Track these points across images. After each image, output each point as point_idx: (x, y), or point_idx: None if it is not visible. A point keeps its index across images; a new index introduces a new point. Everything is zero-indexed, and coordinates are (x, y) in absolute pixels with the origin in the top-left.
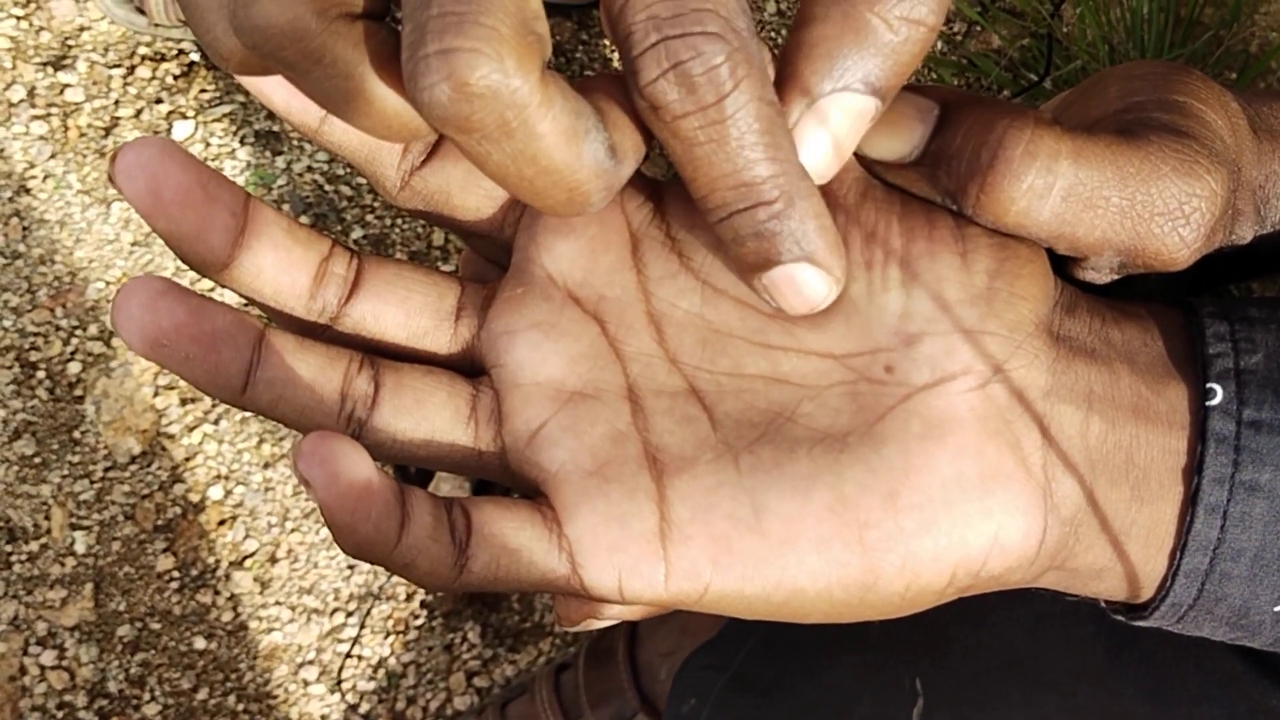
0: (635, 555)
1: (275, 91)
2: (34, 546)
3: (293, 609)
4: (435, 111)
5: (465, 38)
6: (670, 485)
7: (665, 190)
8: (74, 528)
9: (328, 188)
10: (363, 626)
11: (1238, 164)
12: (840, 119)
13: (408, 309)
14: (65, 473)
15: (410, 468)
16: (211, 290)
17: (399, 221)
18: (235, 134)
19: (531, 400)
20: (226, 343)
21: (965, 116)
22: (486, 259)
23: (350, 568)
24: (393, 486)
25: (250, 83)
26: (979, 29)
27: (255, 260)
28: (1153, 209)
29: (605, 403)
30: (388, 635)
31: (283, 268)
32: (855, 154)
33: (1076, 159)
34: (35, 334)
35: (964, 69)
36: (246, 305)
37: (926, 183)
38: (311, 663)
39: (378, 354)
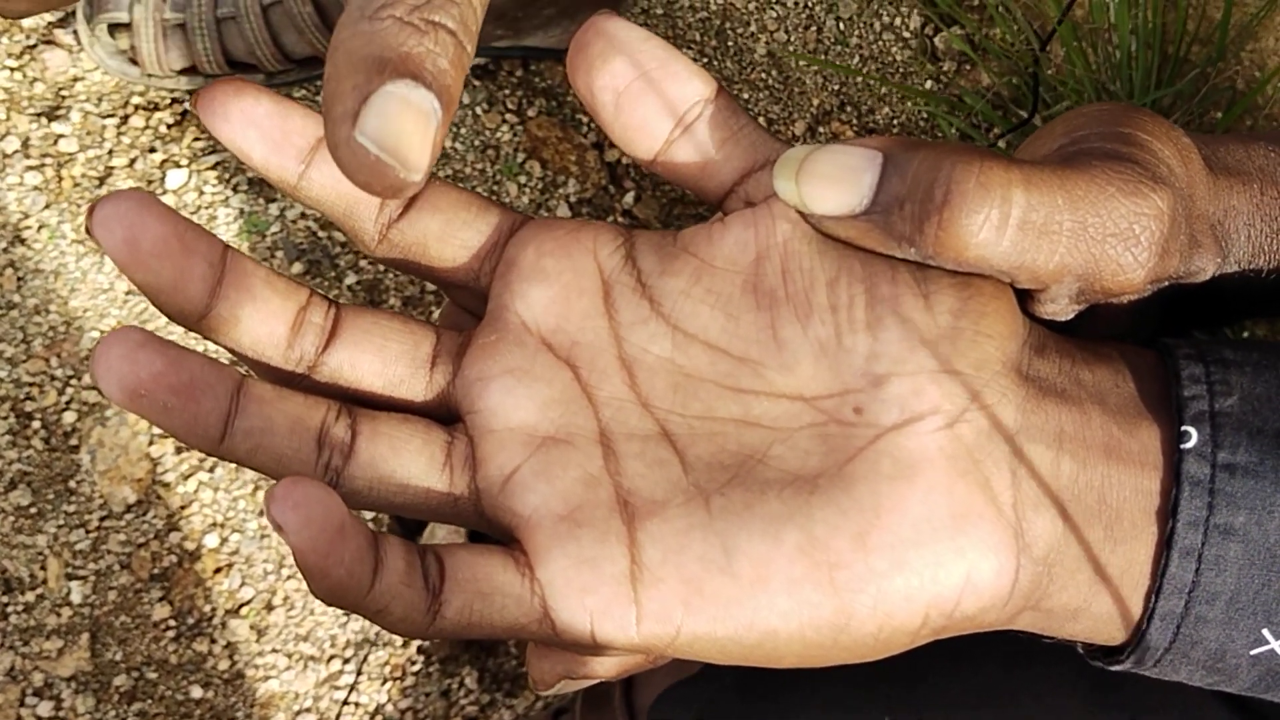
0: (607, 598)
1: (254, 148)
2: (30, 597)
3: (289, 656)
4: None
5: None
6: (641, 528)
7: (636, 237)
8: (70, 578)
9: (321, 234)
10: (360, 673)
11: (1188, 192)
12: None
13: (384, 357)
14: (61, 522)
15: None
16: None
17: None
18: (228, 182)
19: (505, 445)
20: (204, 392)
21: (910, 159)
22: (464, 309)
23: (347, 614)
24: (365, 532)
25: (228, 141)
26: (968, 67)
27: (233, 310)
28: (1104, 230)
29: (577, 447)
30: (385, 682)
31: (260, 318)
32: (806, 215)
33: (1027, 187)
34: (30, 384)
35: (954, 106)
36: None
37: (880, 232)
38: (309, 710)
39: (355, 402)
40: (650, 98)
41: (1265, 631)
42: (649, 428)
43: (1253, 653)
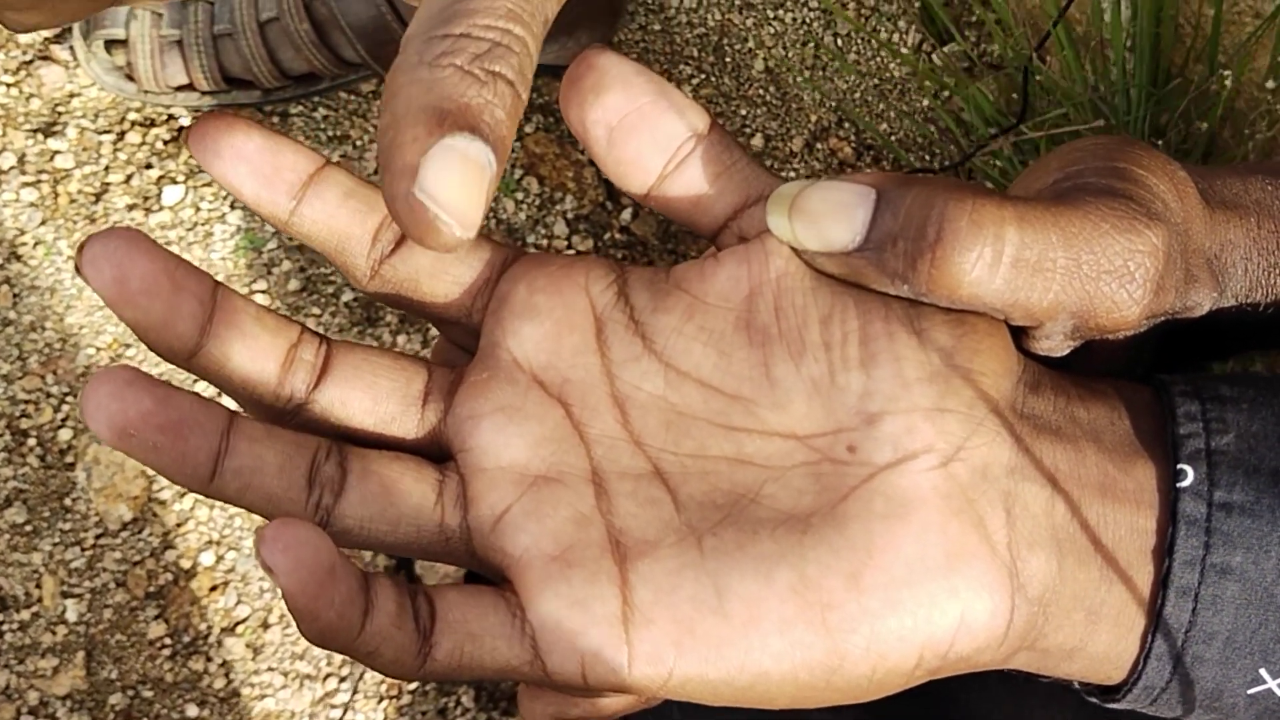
0: (598, 640)
1: (245, 184)
2: (25, 615)
3: (285, 675)
4: None
5: None
6: (633, 569)
7: (629, 273)
8: (65, 595)
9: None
10: (355, 692)
11: (1184, 227)
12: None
13: (375, 394)
14: (56, 540)
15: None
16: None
17: None
18: (225, 198)
19: (496, 484)
20: (194, 431)
21: (903, 195)
22: (456, 345)
23: None
24: (356, 574)
25: (220, 176)
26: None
27: (223, 348)
28: (1099, 267)
29: (569, 486)
30: (380, 700)
31: (250, 355)
32: (800, 252)
33: (1021, 224)
34: (26, 401)
35: (955, 117)
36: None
37: (874, 269)
38: None
39: (346, 440)
40: (643, 132)
41: (1262, 671)
42: (641, 466)
43: (1249, 692)
